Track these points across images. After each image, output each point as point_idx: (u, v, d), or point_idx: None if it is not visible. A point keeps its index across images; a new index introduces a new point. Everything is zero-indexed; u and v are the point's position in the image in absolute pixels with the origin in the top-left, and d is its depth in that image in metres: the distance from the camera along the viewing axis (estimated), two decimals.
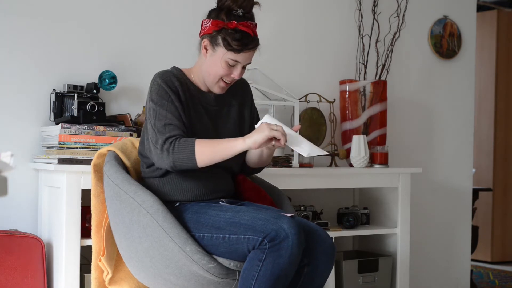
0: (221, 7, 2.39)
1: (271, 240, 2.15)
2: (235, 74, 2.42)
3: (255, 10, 2.45)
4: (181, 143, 2.29)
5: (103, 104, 3.00)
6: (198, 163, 2.30)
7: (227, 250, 2.25)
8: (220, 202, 2.46)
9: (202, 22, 2.44)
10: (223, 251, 2.27)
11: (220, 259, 2.28)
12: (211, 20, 2.39)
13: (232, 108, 2.55)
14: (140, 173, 2.55)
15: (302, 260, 2.29)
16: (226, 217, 2.26)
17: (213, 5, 2.44)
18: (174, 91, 2.38)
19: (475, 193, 4.60)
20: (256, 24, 2.41)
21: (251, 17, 2.41)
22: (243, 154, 2.55)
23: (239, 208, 2.29)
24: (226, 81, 2.44)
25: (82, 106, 2.96)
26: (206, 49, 2.42)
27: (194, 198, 2.44)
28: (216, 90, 2.46)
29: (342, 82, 3.71)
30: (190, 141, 2.29)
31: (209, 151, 2.29)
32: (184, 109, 2.39)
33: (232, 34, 2.35)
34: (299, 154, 3.35)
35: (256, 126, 2.35)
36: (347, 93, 3.66)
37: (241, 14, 2.37)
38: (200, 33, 2.46)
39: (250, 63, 2.44)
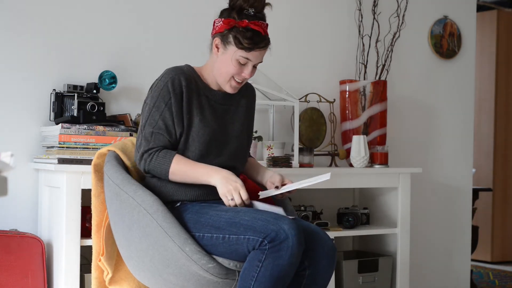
0: (233, 6, 2.40)
1: (271, 241, 2.15)
2: (246, 73, 2.42)
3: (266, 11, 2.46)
4: (159, 157, 2.36)
5: (103, 104, 3.00)
6: (170, 178, 2.38)
7: (226, 250, 2.25)
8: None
9: (214, 22, 2.45)
10: (222, 251, 2.27)
11: (220, 259, 2.28)
12: (223, 19, 2.41)
13: (240, 109, 2.56)
14: (141, 173, 2.55)
15: (303, 262, 2.29)
16: (227, 217, 2.27)
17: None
18: (177, 93, 2.39)
19: (475, 193, 4.60)
20: (267, 24, 2.42)
21: (263, 17, 2.42)
22: (245, 155, 2.56)
23: (240, 209, 2.30)
24: (237, 80, 2.44)
25: (82, 106, 2.96)
26: (218, 48, 2.43)
27: (196, 198, 2.44)
28: (228, 89, 2.46)
29: (342, 82, 3.71)
30: (168, 158, 2.35)
31: (181, 175, 2.36)
32: (182, 112, 2.40)
33: (243, 32, 2.36)
34: (299, 155, 3.35)
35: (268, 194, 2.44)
36: (347, 93, 3.66)
37: (252, 13, 2.38)
38: (212, 32, 2.47)
39: (261, 62, 2.45)
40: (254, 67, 2.44)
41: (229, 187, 2.30)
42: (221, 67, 2.43)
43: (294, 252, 2.15)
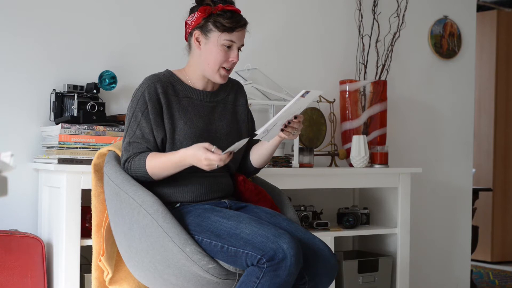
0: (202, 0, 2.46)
1: (269, 260, 2.15)
2: (233, 56, 2.45)
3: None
4: (135, 161, 2.38)
5: (103, 104, 3.00)
6: (155, 178, 2.39)
7: (225, 259, 2.26)
8: (224, 202, 2.47)
9: (186, 22, 2.51)
10: (221, 259, 2.27)
11: (220, 262, 2.28)
12: (196, 11, 2.46)
13: (227, 106, 2.57)
14: None
15: (304, 277, 2.30)
16: (228, 226, 2.26)
17: None
18: (154, 101, 2.41)
19: (475, 193, 4.60)
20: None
21: (232, 2, 2.48)
22: (238, 153, 2.56)
23: (241, 218, 2.28)
24: (226, 67, 2.46)
25: (82, 106, 2.96)
26: (199, 41, 2.46)
27: (194, 199, 2.44)
28: (218, 79, 2.48)
29: (342, 82, 3.71)
30: (143, 159, 2.37)
31: (159, 170, 2.37)
32: (163, 118, 2.42)
33: (222, 15, 2.41)
34: (299, 154, 3.35)
35: (258, 133, 2.37)
36: (347, 93, 3.66)
37: None
38: (186, 33, 2.52)
39: (243, 45, 2.48)
40: (239, 50, 2.48)
41: (203, 164, 2.28)
42: (208, 58, 2.45)
43: (292, 271, 2.15)
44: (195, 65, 2.50)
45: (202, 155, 2.27)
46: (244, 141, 2.31)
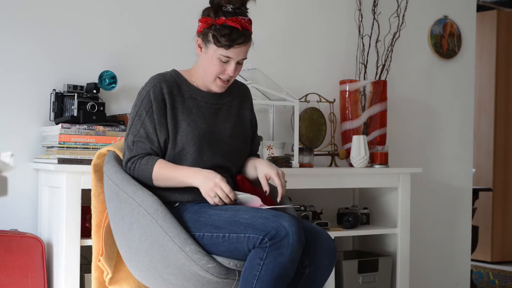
0: (212, 4, 2.41)
1: (271, 238, 2.15)
2: (229, 71, 2.41)
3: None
4: (142, 164, 2.38)
5: (103, 104, 3.01)
6: (156, 185, 2.40)
7: (227, 249, 2.26)
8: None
9: (199, 21, 2.47)
10: (223, 250, 2.27)
11: (220, 259, 2.28)
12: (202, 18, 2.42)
13: (232, 109, 2.56)
14: None
15: (304, 261, 2.30)
16: (226, 216, 2.27)
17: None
18: (159, 100, 2.41)
19: (475, 193, 4.60)
20: (248, 20, 2.41)
21: (242, 13, 2.40)
22: (241, 156, 2.56)
23: (239, 207, 2.30)
24: (222, 78, 2.44)
25: (82, 106, 2.96)
26: (200, 48, 2.44)
27: (193, 198, 2.44)
28: (215, 88, 2.47)
29: (342, 82, 3.71)
30: (150, 165, 2.37)
31: (164, 180, 2.38)
32: (166, 119, 2.41)
33: (220, 30, 2.35)
34: (300, 154, 3.35)
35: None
36: (347, 93, 3.66)
37: (231, 10, 2.38)
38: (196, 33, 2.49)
39: (245, 58, 2.44)
40: (239, 63, 2.43)
41: (210, 185, 2.31)
42: (205, 67, 2.43)
43: (295, 248, 2.15)
44: (199, 67, 2.49)
45: (215, 178, 2.30)
46: (254, 201, 2.35)
